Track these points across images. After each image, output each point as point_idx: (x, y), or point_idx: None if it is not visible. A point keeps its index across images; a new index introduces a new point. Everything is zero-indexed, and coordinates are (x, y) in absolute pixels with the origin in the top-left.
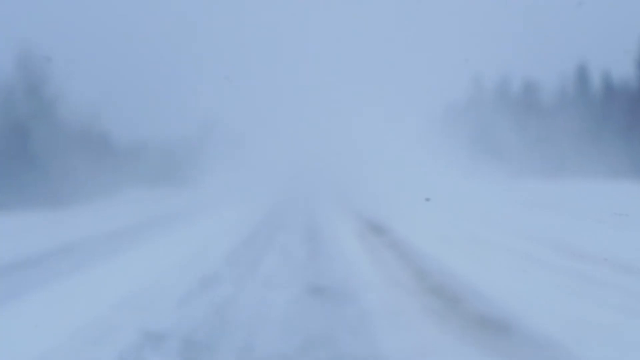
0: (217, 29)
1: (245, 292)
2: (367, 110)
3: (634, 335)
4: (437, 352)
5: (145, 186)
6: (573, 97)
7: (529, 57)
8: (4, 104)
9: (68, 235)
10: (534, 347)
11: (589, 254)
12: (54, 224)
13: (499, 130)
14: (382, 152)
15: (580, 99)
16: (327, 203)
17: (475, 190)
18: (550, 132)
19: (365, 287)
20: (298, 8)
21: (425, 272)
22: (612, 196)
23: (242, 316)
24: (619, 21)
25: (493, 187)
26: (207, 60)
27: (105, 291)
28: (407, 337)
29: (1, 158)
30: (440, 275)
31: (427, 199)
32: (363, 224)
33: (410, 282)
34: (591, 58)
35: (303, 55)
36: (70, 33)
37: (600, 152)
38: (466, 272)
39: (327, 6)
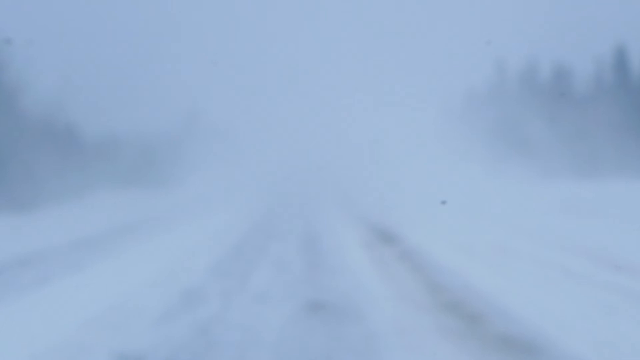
0: (201, 12)
1: (234, 310)
2: (374, 100)
3: None
4: None
5: (119, 187)
6: (610, 84)
7: (560, 38)
8: None
9: (30, 243)
10: None
11: (629, 265)
12: (13, 231)
13: (525, 122)
14: (391, 147)
15: (618, 87)
16: (327, 206)
17: (498, 192)
18: (584, 125)
19: (372, 303)
20: None
21: (441, 286)
22: None
23: (230, 337)
24: None
25: (519, 187)
26: (190, 46)
27: (72, 308)
28: None
29: None
30: (458, 289)
31: (443, 202)
32: (370, 231)
33: (425, 298)
34: (630, 40)
35: (300, 39)
36: (32, 12)
37: None
38: (489, 286)
39: None
